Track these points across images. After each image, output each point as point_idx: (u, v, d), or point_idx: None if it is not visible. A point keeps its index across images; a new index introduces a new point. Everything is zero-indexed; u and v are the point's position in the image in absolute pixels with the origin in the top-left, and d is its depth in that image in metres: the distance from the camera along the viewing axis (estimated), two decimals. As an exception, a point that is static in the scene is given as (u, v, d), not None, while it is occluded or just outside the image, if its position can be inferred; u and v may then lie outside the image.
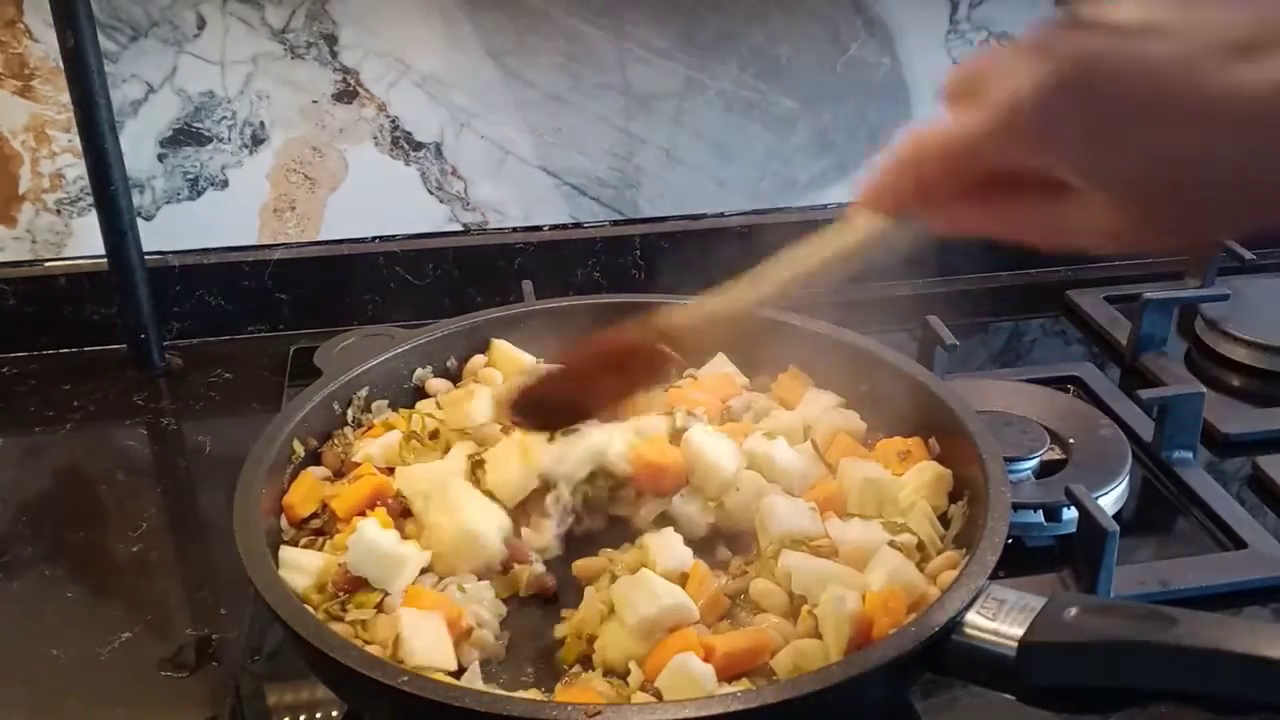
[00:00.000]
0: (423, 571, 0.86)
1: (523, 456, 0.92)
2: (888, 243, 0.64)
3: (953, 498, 0.91)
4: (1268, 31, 0.51)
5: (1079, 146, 0.54)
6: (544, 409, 0.88)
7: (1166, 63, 0.52)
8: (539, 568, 0.89)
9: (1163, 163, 0.54)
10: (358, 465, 0.95)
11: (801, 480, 0.93)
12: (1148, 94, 0.53)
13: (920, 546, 0.86)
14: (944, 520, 0.90)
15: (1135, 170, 0.54)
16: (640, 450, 0.93)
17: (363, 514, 0.89)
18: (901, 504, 0.90)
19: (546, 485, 0.91)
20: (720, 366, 1.05)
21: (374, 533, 0.84)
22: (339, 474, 0.95)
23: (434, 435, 0.99)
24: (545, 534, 0.91)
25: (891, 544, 0.85)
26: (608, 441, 0.92)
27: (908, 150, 0.60)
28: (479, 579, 0.87)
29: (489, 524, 0.88)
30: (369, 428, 1.00)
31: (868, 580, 0.82)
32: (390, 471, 0.95)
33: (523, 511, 0.92)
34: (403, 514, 0.91)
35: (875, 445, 0.97)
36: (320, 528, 0.91)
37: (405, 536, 0.88)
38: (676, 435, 0.95)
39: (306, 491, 0.91)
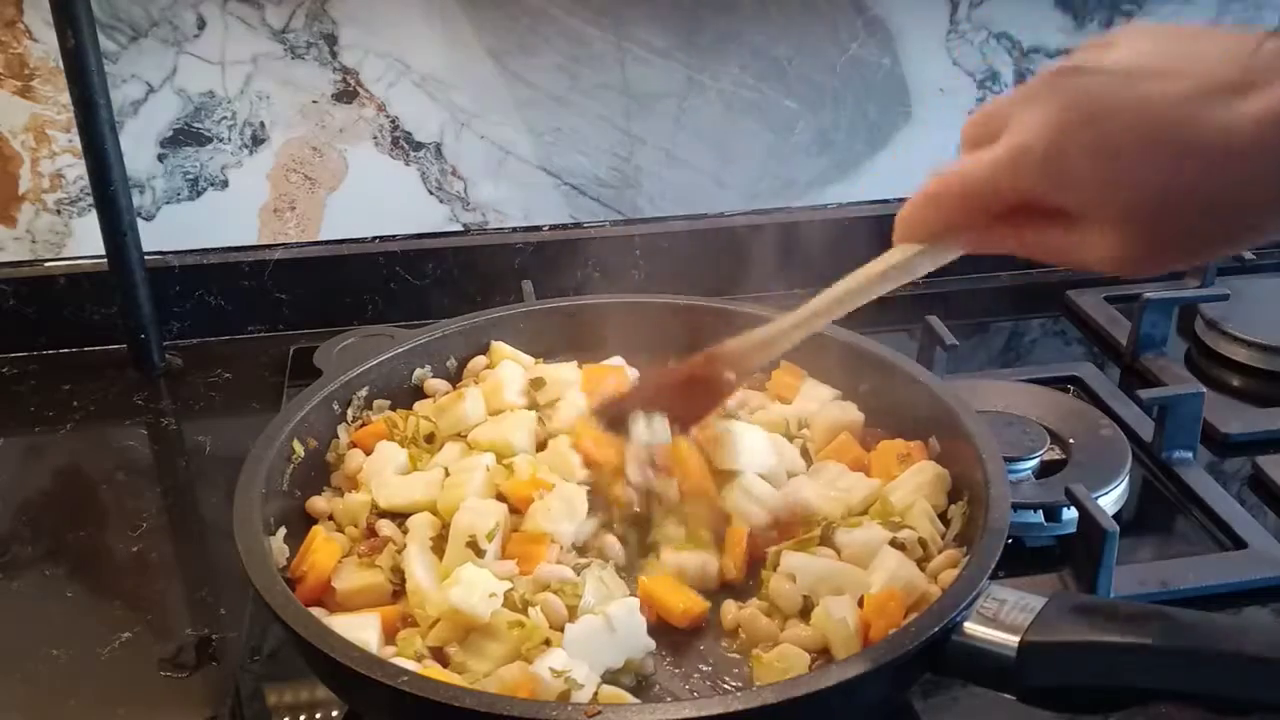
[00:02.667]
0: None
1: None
2: (922, 264, 0.71)
3: (952, 498, 0.91)
4: (1247, 73, 0.56)
5: (1084, 180, 0.59)
6: (624, 418, 0.91)
7: (1160, 102, 0.57)
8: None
9: (1161, 192, 0.58)
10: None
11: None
12: (1145, 130, 0.57)
13: (923, 543, 0.86)
14: (944, 519, 0.90)
15: (1136, 200, 0.59)
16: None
17: None
18: (899, 503, 0.90)
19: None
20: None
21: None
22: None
23: (429, 438, 0.99)
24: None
25: (894, 541, 0.85)
26: None
27: (931, 188, 0.66)
28: None
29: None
30: (364, 423, 1.00)
31: (870, 580, 0.83)
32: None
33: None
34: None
35: (875, 447, 0.97)
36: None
37: None
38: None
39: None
